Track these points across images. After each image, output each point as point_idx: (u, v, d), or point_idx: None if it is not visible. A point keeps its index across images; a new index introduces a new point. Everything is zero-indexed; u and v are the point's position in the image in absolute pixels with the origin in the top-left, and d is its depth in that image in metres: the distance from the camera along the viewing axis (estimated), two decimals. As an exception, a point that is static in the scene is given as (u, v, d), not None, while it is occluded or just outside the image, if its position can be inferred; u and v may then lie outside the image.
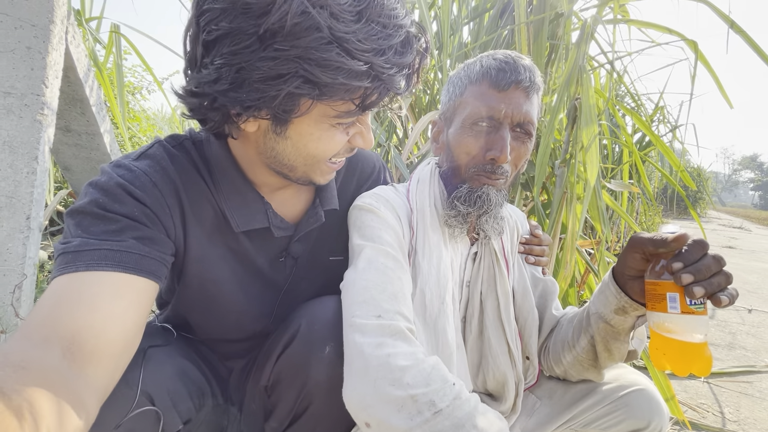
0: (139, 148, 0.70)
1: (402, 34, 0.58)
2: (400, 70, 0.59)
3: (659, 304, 0.60)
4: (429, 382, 0.57)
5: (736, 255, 6.18)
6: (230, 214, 0.71)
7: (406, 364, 0.58)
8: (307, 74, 0.53)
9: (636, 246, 0.64)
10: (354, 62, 0.54)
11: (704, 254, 0.58)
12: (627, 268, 0.67)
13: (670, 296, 0.59)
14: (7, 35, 1.34)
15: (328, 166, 0.71)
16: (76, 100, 1.83)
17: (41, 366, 0.43)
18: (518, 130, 0.77)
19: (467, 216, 0.77)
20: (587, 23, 1.50)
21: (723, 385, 1.87)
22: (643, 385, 0.76)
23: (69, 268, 0.54)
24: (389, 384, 0.57)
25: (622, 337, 0.73)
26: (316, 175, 0.71)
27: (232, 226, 0.72)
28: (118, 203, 0.60)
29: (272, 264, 0.79)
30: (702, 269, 0.56)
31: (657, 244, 0.61)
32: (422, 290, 0.74)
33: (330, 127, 0.64)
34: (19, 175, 1.35)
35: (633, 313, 0.70)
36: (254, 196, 0.74)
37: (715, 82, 1.55)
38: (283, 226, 0.77)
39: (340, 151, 0.69)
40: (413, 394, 0.56)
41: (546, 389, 0.87)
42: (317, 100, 0.58)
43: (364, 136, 0.69)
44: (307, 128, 0.63)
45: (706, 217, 15.52)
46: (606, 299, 0.72)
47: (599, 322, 0.74)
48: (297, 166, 0.68)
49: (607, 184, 1.92)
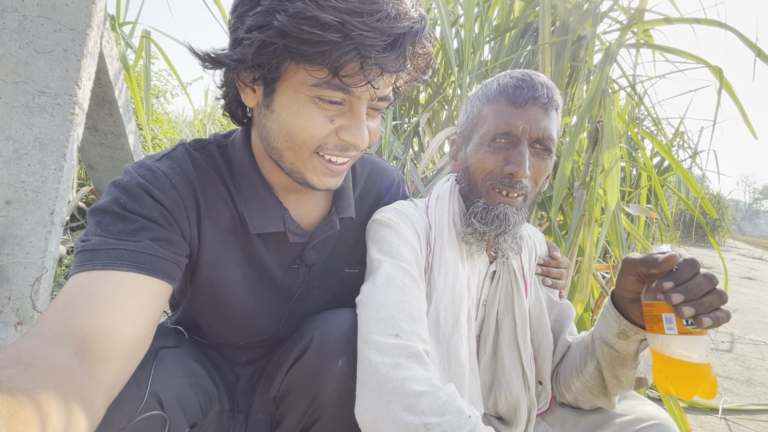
0: (163, 150, 0.71)
1: (392, 8, 0.56)
2: (380, 36, 0.55)
3: (656, 325, 0.60)
4: (444, 412, 0.56)
5: (756, 287, 5.98)
6: (248, 216, 0.72)
7: (422, 389, 0.57)
8: (280, 24, 0.54)
9: (629, 268, 0.65)
10: (323, 14, 0.53)
11: (695, 273, 0.57)
12: (624, 290, 0.67)
13: (665, 317, 0.58)
14: (46, 37, 1.40)
15: (320, 162, 0.66)
16: (105, 102, 1.89)
17: (52, 364, 0.43)
18: (537, 146, 0.77)
19: (484, 234, 0.77)
20: (611, 47, 1.50)
21: (741, 423, 1.79)
22: (661, 420, 0.74)
23: (86, 266, 0.55)
24: (403, 409, 0.56)
25: (629, 363, 0.72)
26: (308, 171, 0.67)
27: (248, 228, 0.72)
28: (138, 203, 0.61)
29: (285, 270, 0.79)
30: (693, 288, 0.56)
31: (648, 265, 0.61)
32: (437, 308, 0.73)
33: (308, 101, 0.61)
34: (47, 171, 1.39)
35: (635, 337, 0.69)
36: (273, 201, 0.74)
37: (740, 111, 1.53)
38: (299, 233, 0.77)
39: (326, 142, 0.64)
40: (427, 423, 0.55)
41: (558, 417, 0.85)
42: (293, 62, 0.58)
43: (352, 131, 0.64)
44: (287, 99, 0.62)
45: (724, 245, 15.11)
46: (607, 324, 0.72)
47: (603, 346, 0.73)
48: (282, 150, 0.66)
49: (626, 208, 1.89)
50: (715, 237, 13.51)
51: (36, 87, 1.39)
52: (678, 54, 1.74)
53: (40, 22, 1.39)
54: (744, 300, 4.61)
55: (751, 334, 3.19)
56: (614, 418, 0.77)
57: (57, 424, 0.38)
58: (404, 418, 0.55)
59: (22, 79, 1.37)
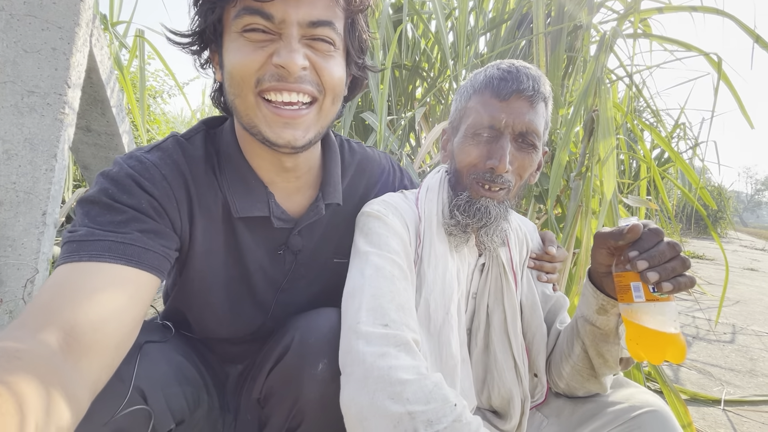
0: (153, 142, 0.70)
1: None
2: None
3: (626, 294, 0.63)
4: (429, 400, 0.55)
5: (758, 278, 5.95)
6: (231, 200, 0.71)
7: (408, 378, 0.56)
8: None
9: (599, 242, 0.68)
10: None
11: (659, 241, 0.60)
12: (598, 265, 0.70)
13: (633, 285, 0.61)
14: (34, 36, 1.38)
15: (267, 109, 0.64)
16: (97, 101, 1.88)
17: (35, 356, 0.42)
18: (520, 141, 0.76)
19: (467, 227, 0.77)
20: (607, 36, 1.48)
21: (744, 415, 1.78)
22: (656, 406, 0.72)
23: (72, 257, 0.54)
24: (388, 397, 0.55)
25: (611, 339, 0.73)
26: (260, 122, 0.64)
27: (231, 213, 0.71)
28: (127, 194, 0.60)
29: (271, 257, 0.78)
30: (656, 255, 0.58)
31: (615, 236, 0.64)
32: (427, 300, 0.72)
33: (236, 37, 0.62)
34: (38, 171, 1.38)
35: (613, 311, 0.71)
36: (257, 184, 0.73)
37: (737, 101, 1.51)
38: (284, 218, 0.76)
39: (262, 74, 0.62)
40: (411, 411, 0.54)
41: (554, 407, 0.84)
42: (219, 6, 0.61)
43: (281, 53, 0.61)
44: (228, 46, 0.63)
45: (726, 237, 15.04)
46: (587, 301, 0.74)
47: (585, 325, 0.75)
48: (234, 101, 0.65)
49: (624, 200, 1.87)
50: (717, 229, 13.46)
51: (25, 87, 1.37)
52: (676, 44, 1.72)
53: (28, 20, 1.38)
54: (746, 291, 4.59)
55: (753, 326, 3.17)
56: (609, 406, 0.77)
57: (39, 417, 0.38)
58: (389, 407, 0.54)
59: (10, 79, 1.36)
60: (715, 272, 5.50)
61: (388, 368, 0.57)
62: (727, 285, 1.83)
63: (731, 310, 3.62)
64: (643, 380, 1.47)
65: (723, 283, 1.90)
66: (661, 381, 1.37)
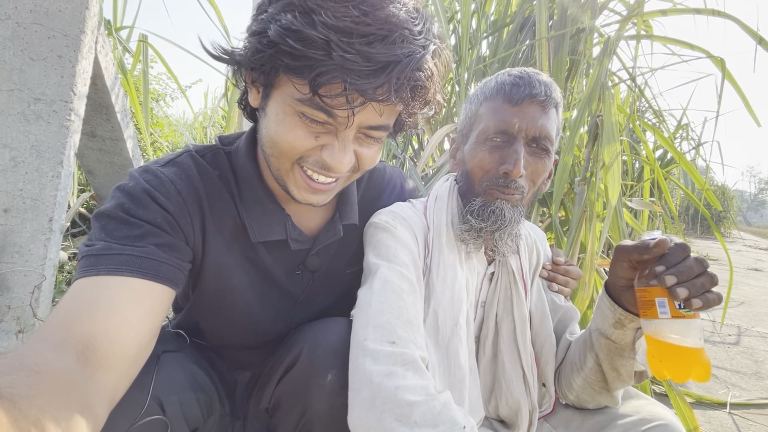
0: (169, 155, 0.71)
1: (389, 31, 0.54)
2: (364, 60, 0.53)
3: (650, 310, 0.60)
4: (438, 422, 0.55)
5: (762, 278, 5.92)
6: (249, 224, 0.72)
7: (415, 399, 0.56)
8: (271, 34, 0.54)
9: (621, 255, 0.65)
10: (310, 31, 0.52)
11: (686, 256, 0.58)
12: (617, 278, 0.68)
13: (659, 301, 0.59)
14: (40, 44, 1.39)
15: (301, 176, 0.65)
16: (102, 107, 1.89)
17: (54, 370, 0.43)
18: (534, 146, 0.76)
19: (480, 231, 0.76)
20: (610, 39, 1.48)
21: (750, 418, 1.77)
22: (666, 420, 0.72)
23: (90, 271, 0.55)
24: (396, 419, 0.55)
25: (626, 353, 0.71)
26: (290, 182, 0.66)
27: (249, 235, 0.72)
28: (142, 209, 0.61)
29: (289, 276, 0.79)
30: (684, 270, 0.56)
31: (640, 250, 0.61)
32: (435, 311, 0.72)
33: (292, 112, 0.60)
34: (44, 178, 1.39)
35: (630, 326, 0.69)
36: (275, 208, 0.74)
37: (743, 100, 1.51)
38: (301, 239, 0.76)
39: (308, 156, 0.63)
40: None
41: (562, 418, 0.84)
42: (283, 72, 0.58)
43: (332, 153, 0.62)
44: (276, 107, 0.62)
45: (730, 237, 14.97)
46: (603, 314, 0.72)
47: (600, 338, 0.73)
48: (269, 155, 0.65)
49: (628, 203, 1.87)
50: (721, 229, 13.39)
51: (31, 94, 1.38)
52: (679, 45, 1.71)
53: (34, 29, 1.39)
54: (751, 292, 4.57)
55: (758, 327, 3.16)
56: (619, 418, 0.76)
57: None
58: (396, 429, 0.54)
59: (17, 87, 1.37)
60: (720, 273, 5.47)
61: (395, 389, 0.56)
62: (732, 286, 1.83)
63: (736, 311, 3.61)
64: (648, 384, 1.46)
65: (727, 284, 1.89)
66: (666, 384, 1.37)
